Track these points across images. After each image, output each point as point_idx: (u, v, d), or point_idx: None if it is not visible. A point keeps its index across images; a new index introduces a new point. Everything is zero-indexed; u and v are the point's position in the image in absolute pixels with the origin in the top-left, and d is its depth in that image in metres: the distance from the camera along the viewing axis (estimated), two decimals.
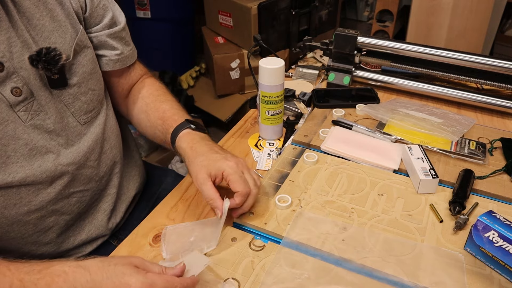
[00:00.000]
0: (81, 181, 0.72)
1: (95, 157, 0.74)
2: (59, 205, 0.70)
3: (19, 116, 0.62)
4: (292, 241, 0.61)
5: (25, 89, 0.62)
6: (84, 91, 0.70)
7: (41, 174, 0.65)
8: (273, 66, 0.79)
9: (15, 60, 0.61)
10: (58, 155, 0.67)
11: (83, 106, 0.71)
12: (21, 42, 0.62)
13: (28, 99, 0.63)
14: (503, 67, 0.91)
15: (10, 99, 0.61)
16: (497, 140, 0.82)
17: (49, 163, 0.66)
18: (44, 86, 0.65)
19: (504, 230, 0.55)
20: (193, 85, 2.29)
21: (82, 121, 0.71)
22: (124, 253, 0.63)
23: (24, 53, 0.62)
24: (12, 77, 0.61)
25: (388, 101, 0.98)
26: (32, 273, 0.52)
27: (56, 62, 0.63)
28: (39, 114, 0.64)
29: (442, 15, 1.86)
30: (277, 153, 0.84)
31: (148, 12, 2.20)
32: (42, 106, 0.65)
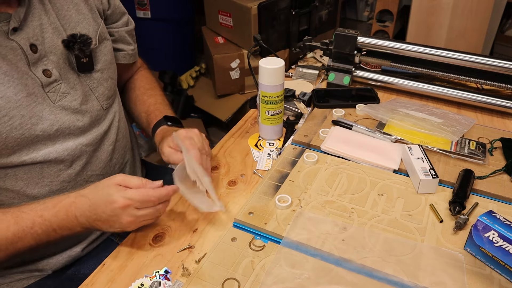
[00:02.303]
0: (97, 165, 0.77)
1: (109, 142, 0.79)
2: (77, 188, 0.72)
3: (48, 96, 0.68)
4: (292, 241, 0.61)
5: (55, 72, 0.68)
6: (105, 77, 0.78)
7: (63, 152, 0.70)
8: (273, 66, 0.79)
9: (47, 44, 0.68)
10: (79, 135, 0.73)
11: (105, 91, 0.78)
12: (52, 28, 0.68)
13: (57, 81, 0.69)
14: (503, 67, 0.91)
15: (42, 79, 0.67)
16: (497, 140, 0.82)
17: (71, 142, 0.71)
18: (72, 70, 0.72)
19: (504, 230, 0.55)
20: (193, 85, 2.29)
21: (104, 105, 0.78)
22: (124, 253, 0.64)
23: (54, 39, 0.68)
24: (43, 60, 0.67)
25: (388, 101, 0.98)
26: (48, 209, 0.61)
27: (88, 44, 0.71)
28: (66, 96, 0.70)
29: (442, 15, 1.86)
30: (277, 153, 0.84)
31: (148, 12, 2.20)
32: (70, 88, 0.71)
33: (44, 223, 0.61)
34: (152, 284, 0.57)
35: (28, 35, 0.65)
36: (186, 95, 2.13)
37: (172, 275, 0.59)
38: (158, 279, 0.58)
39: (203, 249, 0.63)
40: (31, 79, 0.65)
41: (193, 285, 0.56)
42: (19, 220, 0.60)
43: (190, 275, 0.58)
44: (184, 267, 0.60)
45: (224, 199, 0.73)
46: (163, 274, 0.58)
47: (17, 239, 0.61)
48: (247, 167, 0.81)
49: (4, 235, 0.60)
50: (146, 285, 0.57)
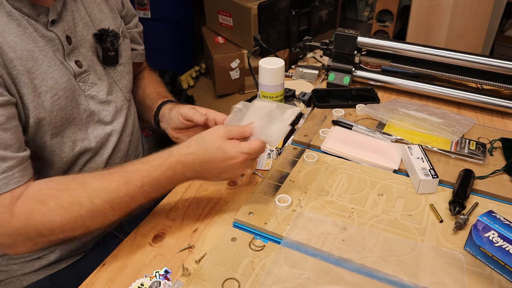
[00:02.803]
0: (118, 155, 0.80)
1: (127, 133, 0.83)
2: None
3: (79, 86, 0.72)
4: (292, 241, 0.61)
5: (84, 63, 0.73)
6: (127, 71, 0.82)
7: (94, 139, 0.74)
8: (273, 66, 0.79)
9: (78, 37, 0.72)
10: (106, 124, 0.77)
11: (127, 84, 0.82)
12: (83, 23, 0.73)
13: (87, 72, 0.73)
14: (503, 67, 0.91)
15: (75, 69, 0.71)
16: (497, 140, 0.82)
17: (99, 130, 0.75)
18: (98, 63, 0.76)
19: (504, 230, 0.55)
20: (193, 85, 2.29)
21: (127, 97, 0.82)
22: (124, 252, 0.64)
23: (84, 33, 0.73)
24: (75, 52, 0.71)
25: (388, 101, 0.98)
26: (154, 169, 0.62)
27: (118, 39, 0.77)
28: (93, 86, 0.74)
29: (442, 15, 1.86)
30: (277, 153, 0.84)
31: (148, 12, 2.20)
32: (97, 80, 0.75)
33: (153, 182, 0.62)
34: (152, 284, 0.57)
35: (64, 28, 0.69)
36: (186, 95, 2.13)
37: (172, 275, 0.59)
38: (158, 279, 0.58)
39: (203, 249, 0.63)
40: (66, 69, 0.70)
41: (193, 285, 0.56)
42: (129, 180, 0.61)
43: (190, 275, 0.58)
44: (184, 267, 0.60)
45: (224, 199, 0.73)
46: (163, 274, 0.58)
47: (129, 198, 0.62)
48: None
49: (117, 195, 0.61)
50: (146, 285, 0.57)
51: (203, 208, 0.71)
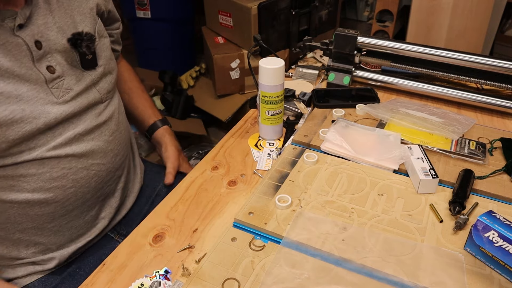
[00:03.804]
0: (97, 154, 0.78)
1: (109, 132, 0.81)
2: (79, 176, 0.75)
3: (52, 92, 0.70)
4: (292, 241, 0.61)
5: (58, 68, 0.70)
6: (106, 72, 0.80)
7: (61, 141, 0.72)
8: (273, 66, 0.79)
9: (51, 42, 0.69)
10: (78, 124, 0.74)
11: (105, 85, 0.80)
12: (57, 27, 0.71)
13: (60, 77, 0.71)
14: (503, 67, 0.91)
15: (46, 75, 0.69)
16: (497, 140, 0.82)
17: (70, 132, 0.73)
18: (74, 67, 0.74)
19: (504, 230, 0.55)
20: (193, 85, 2.28)
21: (104, 98, 0.80)
22: (124, 253, 0.64)
23: (58, 37, 0.70)
24: (47, 57, 0.69)
25: (388, 101, 0.98)
26: None
27: (93, 42, 0.75)
28: (68, 92, 0.72)
29: (442, 15, 1.86)
30: (277, 153, 0.84)
31: (148, 12, 2.20)
32: (72, 85, 0.73)
33: None
34: (152, 284, 0.57)
35: (33, 32, 0.67)
36: (186, 95, 2.13)
37: (172, 275, 0.59)
38: (158, 279, 0.58)
39: (203, 249, 0.63)
40: (35, 75, 0.67)
41: (193, 285, 0.56)
42: None
43: (190, 275, 0.58)
44: (184, 267, 0.60)
45: (224, 199, 0.73)
46: (163, 274, 0.58)
47: None
48: (247, 167, 0.81)
49: None
50: (146, 285, 0.57)
51: (203, 208, 0.71)
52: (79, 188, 0.76)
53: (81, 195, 0.77)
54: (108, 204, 0.84)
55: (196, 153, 2.03)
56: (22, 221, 0.72)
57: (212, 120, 2.13)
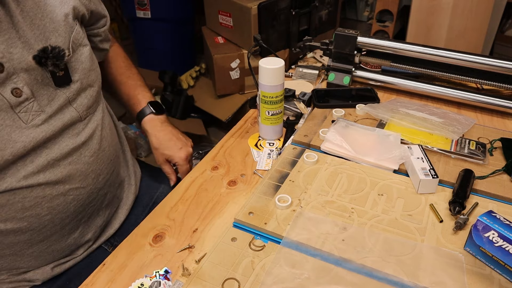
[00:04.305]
0: (76, 178, 0.71)
1: (90, 152, 0.74)
2: (55, 203, 0.70)
3: (20, 117, 0.62)
4: (292, 241, 0.61)
5: (26, 90, 0.62)
6: (84, 87, 0.72)
7: (33, 170, 0.65)
8: (273, 66, 0.79)
9: (15, 60, 0.61)
10: (51, 148, 0.67)
11: (83, 101, 0.72)
12: (22, 42, 0.61)
13: (29, 100, 0.63)
14: (503, 67, 0.91)
15: (11, 100, 0.61)
16: (497, 140, 0.82)
17: (42, 158, 0.66)
18: (46, 86, 0.65)
19: (504, 230, 0.55)
20: (193, 85, 2.29)
21: (84, 116, 0.72)
22: (123, 254, 0.64)
23: (25, 54, 0.61)
24: (12, 78, 0.60)
25: (388, 101, 0.98)
26: None
27: (62, 57, 0.65)
28: (39, 114, 0.64)
29: (442, 15, 1.86)
30: (277, 153, 0.84)
31: (148, 12, 2.20)
32: (43, 106, 0.65)
33: None
34: (152, 284, 0.57)
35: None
36: (186, 95, 2.13)
37: (172, 275, 0.59)
38: (158, 279, 0.58)
39: (203, 249, 0.63)
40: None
41: (193, 285, 0.56)
42: None
43: (190, 275, 0.58)
44: (184, 267, 0.60)
45: (224, 199, 0.73)
46: (163, 274, 0.58)
47: None
48: (247, 167, 0.81)
49: None
50: (146, 285, 0.57)
51: (203, 208, 0.71)
52: (56, 215, 0.70)
53: (59, 221, 0.72)
54: (93, 223, 0.80)
55: (196, 153, 2.03)
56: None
57: (212, 120, 2.13)
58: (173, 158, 0.90)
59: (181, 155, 0.90)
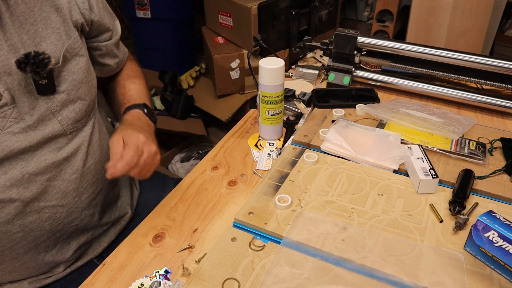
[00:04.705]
0: (53, 195, 0.68)
1: (72, 170, 0.70)
2: (27, 220, 0.66)
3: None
4: (292, 241, 0.61)
5: (6, 95, 0.60)
6: (72, 99, 0.68)
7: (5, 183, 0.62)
8: (273, 66, 0.79)
9: (0, 64, 0.59)
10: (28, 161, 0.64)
11: (70, 114, 0.68)
12: (8, 46, 0.60)
13: (8, 105, 0.60)
14: (503, 67, 0.91)
15: None
16: (497, 140, 0.82)
17: (17, 170, 0.63)
18: (28, 92, 0.62)
19: (504, 230, 0.55)
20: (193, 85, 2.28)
21: (69, 130, 0.69)
22: (123, 254, 0.64)
23: (9, 57, 0.60)
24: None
25: (388, 101, 0.98)
26: None
27: (44, 65, 0.61)
28: (18, 122, 0.62)
29: (442, 15, 1.86)
30: (277, 153, 0.84)
31: (148, 12, 2.20)
32: (23, 114, 0.62)
33: None
34: (152, 284, 0.57)
35: None
36: (186, 95, 2.13)
37: (172, 275, 0.59)
38: (158, 279, 0.58)
39: (203, 249, 0.63)
40: None
41: (193, 285, 0.56)
42: None
43: (190, 275, 0.58)
44: (184, 267, 0.60)
45: (224, 199, 0.73)
46: (163, 274, 0.58)
47: None
48: (247, 167, 0.81)
49: None
50: (146, 285, 0.57)
51: (203, 208, 0.71)
52: (29, 233, 0.67)
53: (32, 239, 0.68)
54: (75, 241, 0.75)
55: (196, 153, 2.03)
56: None
57: (212, 120, 2.13)
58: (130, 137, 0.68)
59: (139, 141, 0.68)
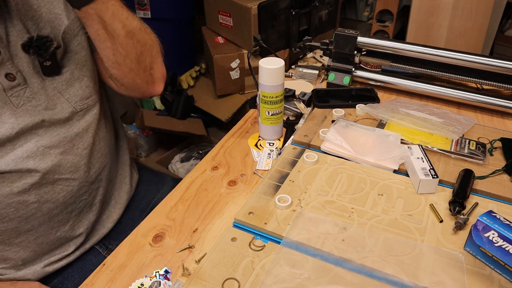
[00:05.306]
0: (67, 169, 0.72)
1: (83, 145, 0.74)
2: (42, 190, 0.70)
3: (11, 100, 0.65)
4: (292, 241, 0.61)
5: (19, 76, 0.65)
6: (78, 77, 0.72)
7: (22, 154, 0.66)
8: (273, 66, 0.79)
9: (11, 48, 0.64)
10: (42, 136, 0.68)
11: (77, 92, 0.72)
12: (17, 31, 0.65)
13: (21, 85, 0.65)
14: (503, 67, 0.91)
15: (4, 83, 0.64)
16: (497, 140, 0.82)
17: (32, 144, 0.67)
18: (36, 73, 0.67)
19: (504, 230, 0.55)
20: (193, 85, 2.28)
21: (79, 107, 0.73)
22: (123, 254, 0.64)
23: (18, 41, 0.65)
24: (6, 64, 0.64)
25: (388, 101, 0.98)
26: None
27: (47, 48, 0.66)
28: (30, 100, 0.67)
29: (442, 15, 1.86)
30: (277, 153, 0.84)
31: (148, 12, 2.20)
32: (34, 93, 0.67)
33: None
34: (152, 284, 0.57)
35: None
36: (186, 95, 2.13)
37: (172, 275, 0.59)
38: (158, 279, 0.58)
39: (203, 249, 0.63)
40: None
41: (193, 285, 0.56)
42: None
43: (190, 275, 0.58)
44: (184, 267, 0.60)
45: (224, 199, 0.73)
46: (163, 274, 0.59)
47: None
48: (247, 167, 0.81)
49: None
50: (146, 285, 0.57)
51: (203, 208, 0.71)
52: (44, 204, 0.71)
53: (47, 211, 0.72)
54: (85, 218, 0.79)
55: (196, 153, 2.03)
56: None
57: (212, 120, 2.13)
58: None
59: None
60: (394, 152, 0.77)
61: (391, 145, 0.79)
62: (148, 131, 2.10)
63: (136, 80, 0.77)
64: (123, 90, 0.81)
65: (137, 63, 0.75)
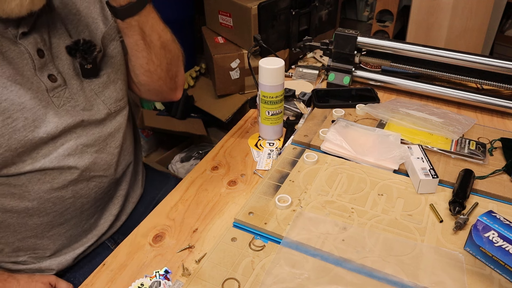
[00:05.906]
0: (101, 166, 0.76)
1: (116, 144, 0.78)
2: (78, 187, 0.73)
3: (53, 101, 0.67)
4: (292, 241, 0.61)
5: (60, 77, 0.68)
6: (113, 79, 0.76)
7: (63, 152, 0.69)
8: (273, 66, 0.79)
9: (54, 50, 0.68)
10: (81, 135, 0.72)
11: (112, 94, 0.76)
12: (59, 34, 0.69)
13: (62, 86, 0.69)
14: (503, 67, 0.91)
15: (47, 84, 0.67)
16: (497, 140, 0.82)
17: (72, 142, 0.70)
18: (76, 75, 0.71)
19: (504, 230, 0.55)
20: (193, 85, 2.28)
21: (113, 108, 0.76)
22: (123, 254, 0.64)
23: (60, 44, 0.69)
24: (49, 65, 0.67)
25: (388, 101, 0.98)
26: None
27: (91, 52, 0.70)
28: (70, 101, 0.70)
29: (442, 15, 1.86)
30: (277, 153, 0.84)
31: None
32: (73, 94, 0.70)
33: None
34: (152, 284, 0.57)
35: (36, 40, 0.65)
36: (186, 95, 2.13)
37: (172, 275, 0.59)
38: (158, 279, 0.58)
39: (203, 249, 0.63)
40: (36, 83, 0.65)
41: (193, 285, 0.56)
42: None
43: (190, 275, 0.58)
44: (184, 267, 0.60)
45: (224, 199, 0.73)
46: (163, 274, 0.59)
47: None
48: (247, 167, 0.81)
49: None
50: (146, 285, 0.57)
51: (203, 208, 0.71)
52: (78, 199, 0.74)
53: (80, 205, 0.75)
54: (108, 211, 0.83)
55: (196, 153, 2.03)
56: (22, 231, 0.72)
57: (212, 120, 2.13)
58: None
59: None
60: (394, 152, 0.77)
61: (391, 145, 0.79)
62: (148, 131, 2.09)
63: (163, 87, 0.82)
64: (146, 94, 0.85)
65: (166, 72, 0.80)
